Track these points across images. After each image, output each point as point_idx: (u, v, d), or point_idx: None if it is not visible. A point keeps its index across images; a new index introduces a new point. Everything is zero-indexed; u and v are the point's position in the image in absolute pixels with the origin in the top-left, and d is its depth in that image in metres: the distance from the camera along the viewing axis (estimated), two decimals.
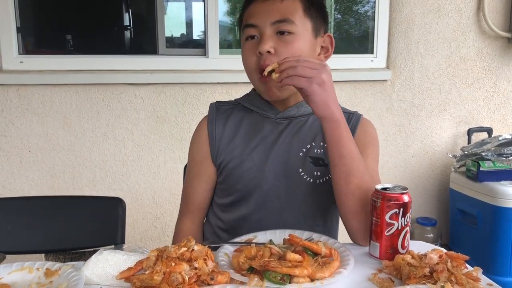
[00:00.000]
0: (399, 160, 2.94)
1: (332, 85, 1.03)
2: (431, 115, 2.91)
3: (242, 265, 0.90)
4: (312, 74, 1.00)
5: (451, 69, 2.89)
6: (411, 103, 2.88)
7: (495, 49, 2.92)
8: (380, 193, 0.98)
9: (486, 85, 2.96)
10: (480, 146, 2.67)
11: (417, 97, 2.88)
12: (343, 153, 1.06)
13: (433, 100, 2.90)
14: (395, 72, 2.83)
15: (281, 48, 1.14)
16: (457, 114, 2.95)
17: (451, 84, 2.91)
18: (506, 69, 2.96)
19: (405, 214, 0.97)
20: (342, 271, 0.89)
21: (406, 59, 2.83)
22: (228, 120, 1.29)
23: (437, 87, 2.89)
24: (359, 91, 2.80)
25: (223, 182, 1.28)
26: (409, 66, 2.83)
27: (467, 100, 2.95)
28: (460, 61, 2.89)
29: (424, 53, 2.84)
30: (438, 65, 2.87)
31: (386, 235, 0.98)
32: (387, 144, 2.90)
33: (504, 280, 2.49)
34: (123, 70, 2.53)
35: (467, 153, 2.68)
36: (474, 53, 2.90)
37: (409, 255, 0.92)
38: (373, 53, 2.86)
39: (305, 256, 0.91)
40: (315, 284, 0.85)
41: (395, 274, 0.91)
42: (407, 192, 0.98)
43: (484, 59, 2.92)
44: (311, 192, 1.21)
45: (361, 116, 1.29)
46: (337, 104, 1.06)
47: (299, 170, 1.21)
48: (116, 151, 2.54)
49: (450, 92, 2.91)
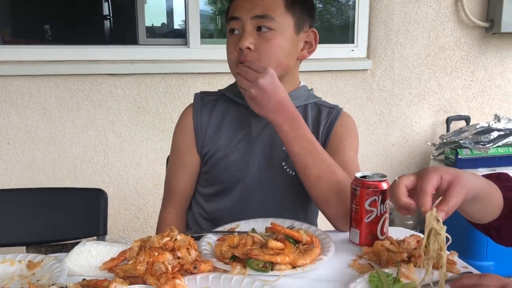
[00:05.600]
0: (379, 149, 2.98)
1: (273, 91, 1.08)
2: (410, 104, 2.95)
3: (225, 253, 0.91)
4: (246, 87, 1.08)
5: (430, 58, 2.93)
6: (391, 92, 2.91)
7: (473, 39, 2.97)
8: (359, 181, 1.00)
9: (464, 74, 3.01)
10: (458, 134, 2.73)
11: (397, 86, 2.91)
12: (295, 151, 1.11)
13: (412, 89, 2.94)
14: (376, 62, 2.85)
15: (261, 45, 1.15)
16: (436, 103, 3.00)
17: (430, 73, 2.95)
18: (483, 58, 3.01)
19: (384, 201, 0.99)
20: (323, 258, 0.92)
21: (386, 48, 2.85)
22: (213, 111, 1.30)
23: (416, 76, 2.93)
24: (340, 80, 2.82)
25: (207, 172, 1.28)
26: (389, 56, 2.86)
27: (445, 89, 2.99)
28: (439, 50, 2.93)
29: (404, 43, 2.87)
30: (418, 55, 2.91)
31: (366, 222, 1.00)
32: (368, 133, 2.94)
33: (480, 264, 2.56)
34: (103, 60, 2.50)
35: (446, 141, 2.73)
36: (452, 43, 2.94)
37: (387, 241, 0.95)
38: (353, 43, 2.87)
39: (287, 243, 0.92)
40: (296, 271, 0.87)
41: (375, 260, 0.94)
42: (385, 180, 1.00)
43: (462, 49, 2.97)
44: (293, 185, 1.23)
45: (341, 110, 1.31)
46: (280, 108, 1.10)
47: (282, 163, 1.23)
48: (97, 142, 2.52)
49: (429, 81, 2.96)
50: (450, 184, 0.75)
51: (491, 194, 0.83)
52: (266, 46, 1.15)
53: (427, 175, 0.76)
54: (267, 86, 1.07)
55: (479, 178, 0.83)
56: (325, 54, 2.82)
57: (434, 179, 0.75)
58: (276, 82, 1.09)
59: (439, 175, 0.76)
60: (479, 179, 0.82)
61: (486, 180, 0.84)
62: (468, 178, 0.77)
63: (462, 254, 2.92)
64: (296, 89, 1.30)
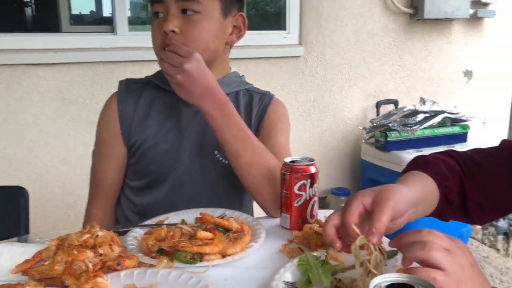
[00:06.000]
0: (313, 134, 3.03)
1: (200, 75, 1.05)
2: (342, 90, 3.02)
3: (152, 247, 0.87)
4: (171, 73, 1.04)
5: (360, 44, 3.00)
6: (323, 78, 2.96)
7: (399, 25, 3.07)
8: (288, 166, 0.99)
9: (392, 59, 3.11)
10: (387, 117, 2.82)
11: (328, 72, 2.96)
12: (226, 138, 1.09)
13: (343, 75, 3.01)
14: (307, 48, 2.88)
15: (186, 28, 1.11)
16: (366, 88, 3.09)
17: (360, 59, 3.03)
18: (409, 43, 3.13)
19: (312, 185, 1.00)
20: (253, 245, 0.90)
21: (317, 35, 2.89)
22: (139, 99, 1.24)
23: (347, 62, 3.00)
24: (274, 67, 2.83)
25: (136, 164, 1.23)
26: (320, 42, 2.90)
27: (375, 74, 3.09)
28: (367, 36, 3.01)
29: (334, 29, 2.92)
30: (348, 41, 2.97)
31: (296, 206, 1.00)
32: (303, 119, 2.98)
33: None
34: (23, 49, 2.33)
35: (376, 125, 2.82)
36: (380, 29, 3.03)
37: (316, 224, 0.95)
38: (286, 30, 2.88)
39: (217, 233, 0.90)
40: (226, 260, 0.85)
41: (305, 244, 0.94)
42: (313, 164, 1.00)
43: (390, 34, 3.07)
44: (226, 174, 1.21)
45: (273, 96, 1.30)
46: (208, 93, 1.07)
47: (214, 152, 1.21)
48: (20, 137, 2.36)
49: (359, 66, 3.03)
50: (374, 205, 0.72)
51: (427, 192, 0.83)
52: (192, 30, 1.11)
53: (347, 208, 0.74)
54: (194, 71, 1.04)
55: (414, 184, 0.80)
56: (258, 40, 2.81)
57: (355, 209, 0.73)
58: (202, 67, 1.06)
59: (359, 202, 0.73)
60: (415, 186, 0.80)
61: (418, 178, 0.83)
62: (391, 189, 0.74)
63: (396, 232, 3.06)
64: (227, 75, 1.27)
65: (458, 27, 3.23)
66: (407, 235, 0.64)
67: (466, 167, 0.87)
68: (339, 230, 0.76)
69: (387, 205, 0.70)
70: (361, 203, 0.73)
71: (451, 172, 0.86)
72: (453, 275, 0.57)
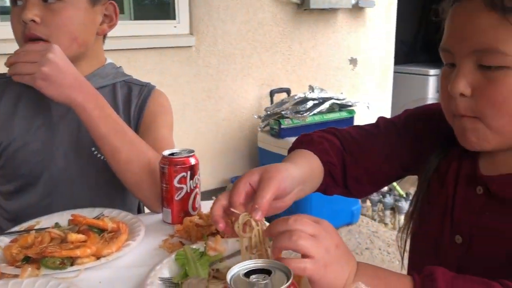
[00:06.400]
0: (210, 125, 3.02)
1: (67, 65, 0.99)
2: (236, 79, 3.04)
3: (16, 256, 0.81)
4: (33, 69, 0.95)
5: (251, 34, 3.04)
6: (217, 68, 2.96)
7: (287, 15, 3.16)
8: (167, 159, 0.97)
9: (283, 49, 3.20)
10: (280, 105, 2.90)
11: (222, 62, 2.97)
12: (101, 133, 1.02)
13: (237, 65, 3.03)
14: (199, 38, 2.86)
15: (48, 17, 1.03)
16: (259, 77, 3.14)
17: (252, 49, 3.07)
18: (298, 33, 3.23)
19: (193, 177, 0.98)
20: (131, 243, 0.87)
21: (208, 25, 2.87)
22: (3, 96, 1.14)
23: (239, 52, 3.02)
24: (165, 58, 2.76)
25: (4, 167, 1.13)
26: (211, 32, 2.89)
27: (267, 63, 3.15)
28: (258, 26, 3.06)
29: (225, 19, 2.92)
30: (239, 31, 2.99)
31: (177, 199, 0.98)
32: (198, 110, 2.96)
33: None
34: None
35: (270, 113, 2.89)
36: (270, 19, 3.09)
37: (197, 216, 0.94)
38: (175, 19, 2.83)
39: (90, 234, 0.86)
40: (100, 261, 0.81)
41: (186, 237, 0.93)
42: (193, 155, 0.99)
43: (279, 24, 3.14)
44: (105, 170, 1.15)
45: (154, 88, 1.27)
46: (79, 84, 1.01)
47: (92, 149, 1.14)
48: None
49: (252, 56, 3.07)
50: (259, 183, 0.72)
51: (313, 168, 0.85)
52: (55, 19, 1.03)
53: (234, 188, 0.73)
54: (59, 61, 0.96)
55: (300, 163, 0.81)
56: (147, 31, 2.73)
57: (241, 188, 0.72)
58: (65, 57, 0.99)
59: (246, 181, 0.73)
60: (301, 164, 0.81)
61: (304, 155, 0.85)
62: (279, 168, 0.75)
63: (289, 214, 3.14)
64: (101, 67, 1.21)
65: (342, 17, 3.40)
66: (276, 224, 0.65)
67: (346, 144, 0.91)
68: (227, 211, 0.74)
69: (271, 183, 0.70)
70: (248, 183, 0.72)
71: (333, 149, 0.89)
72: (320, 260, 0.58)
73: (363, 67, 3.59)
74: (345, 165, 0.90)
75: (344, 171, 0.90)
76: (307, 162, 0.84)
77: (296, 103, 2.83)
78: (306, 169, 0.81)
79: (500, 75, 0.66)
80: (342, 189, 0.93)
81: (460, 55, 0.69)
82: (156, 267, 0.78)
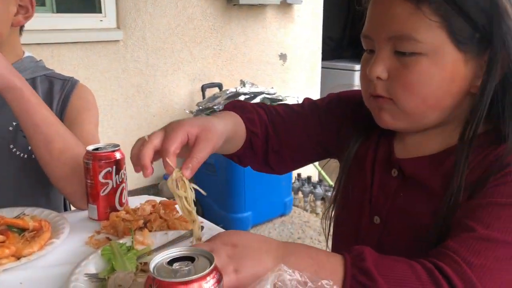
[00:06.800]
0: (141, 121, 2.96)
1: None
2: (166, 74, 3.01)
3: None
4: None
5: (180, 28, 3.01)
6: (146, 63, 2.90)
7: (217, 10, 3.16)
8: (91, 154, 0.95)
9: (213, 44, 3.20)
10: (212, 100, 2.91)
11: (151, 57, 2.91)
12: (37, 121, 0.98)
13: (167, 59, 2.99)
14: (127, 32, 2.79)
15: None
16: (190, 72, 3.12)
17: (182, 44, 3.04)
18: (228, 28, 3.25)
19: (119, 171, 0.97)
20: (55, 242, 0.85)
21: (136, 19, 2.81)
22: None
23: (169, 47, 2.98)
24: (92, 52, 2.67)
25: None
26: (140, 26, 2.83)
27: (198, 58, 3.14)
28: (188, 20, 3.03)
29: (154, 13, 2.87)
30: (168, 25, 2.95)
31: (102, 195, 0.96)
32: (128, 106, 2.89)
33: (241, 216, 2.84)
34: None
35: (202, 108, 2.88)
36: (199, 13, 3.08)
37: (123, 211, 0.93)
38: (101, 13, 2.74)
39: (9, 234, 0.82)
40: (21, 261, 0.78)
41: (113, 232, 0.91)
42: (119, 149, 0.97)
43: (209, 19, 3.14)
44: (26, 168, 1.11)
45: (77, 82, 1.23)
46: (14, 71, 0.96)
47: (10, 146, 1.09)
48: None
49: (182, 51, 3.05)
50: (197, 139, 0.72)
51: (237, 130, 0.86)
52: None
53: (171, 134, 0.71)
54: None
55: (229, 121, 0.83)
56: (72, 24, 2.63)
57: (179, 137, 0.70)
58: None
59: (185, 131, 0.71)
60: (229, 120, 0.83)
61: (233, 117, 0.86)
62: (216, 127, 0.76)
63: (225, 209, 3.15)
64: (19, 60, 1.16)
65: (271, 13, 3.46)
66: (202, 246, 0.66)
67: (272, 118, 0.94)
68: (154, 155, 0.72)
69: (208, 145, 0.71)
70: (186, 133, 0.71)
71: (260, 120, 0.92)
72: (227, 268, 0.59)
73: (292, 62, 3.67)
74: (268, 138, 0.92)
75: (266, 144, 0.93)
76: (234, 124, 0.85)
77: (228, 98, 2.85)
78: (232, 129, 0.83)
79: (413, 61, 0.71)
80: (262, 163, 0.96)
81: (379, 42, 0.74)
82: (82, 263, 0.76)
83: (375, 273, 0.61)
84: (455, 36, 0.69)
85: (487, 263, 0.62)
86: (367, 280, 0.61)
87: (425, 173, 0.77)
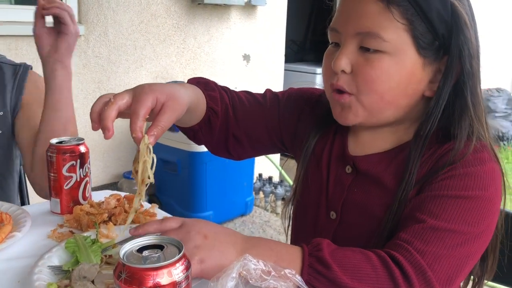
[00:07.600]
0: None
1: None
2: (128, 71, 2.97)
3: None
4: None
5: (144, 25, 2.98)
6: (108, 59, 2.86)
7: (181, 8, 3.15)
8: (55, 147, 0.94)
9: (177, 42, 3.19)
10: None
11: (113, 53, 2.87)
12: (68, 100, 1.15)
13: (129, 56, 2.95)
14: (88, 27, 2.74)
15: None
16: (153, 70, 3.10)
17: (145, 41, 3.01)
18: (192, 27, 3.24)
19: (83, 165, 0.96)
20: (16, 234, 0.84)
21: (98, 14, 2.76)
22: None
23: (132, 43, 2.95)
24: None
25: None
26: (102, 22, 2.78)
27: (161, 56, 3.12)
28: (151, 18, 3.01)
29: (116, 9, 2.83)
30: (131, 21, 2.92)
31: (66, 189, 0.95)
32: (88, 102, 2.83)
33: (202, 215, 2.84)
34: None
35: None
36: (163, 11, 3.06)
37: (87, 205, 0.93)
38: None
39: None
40: None
41: (76, 226, 0.91)
42: (83, 143, 0.97)
43: (173, 17, 3.12)
44: None
45: (30, 68, 1.20)
46: None
47: None
48: None
49: (145, 48, 3.02)
50: (163, 106, 0.70)
51: (199, 104, 0.86)
52: None
53: (141, 97, 0.69)
54: None
55: (192, 93, 0.82)
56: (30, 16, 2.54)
57: (149, 101, 0.69)
58: None
59: (155, 96, 0.70)
60: (193, 92, 0.83)
61: (197, 91, 0.86)
62: (182, 97, 0.75)
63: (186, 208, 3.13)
64: None
65: (235, 14, 3.48)
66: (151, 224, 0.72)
67: (234, 102, 0.94)
68: None
69: (173, 114, 0.71)
70: (156, 99, 0.70)
71: (222, 101, 0.91)
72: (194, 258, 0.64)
73: (256, 63, 3.70)
74: (227, 120, 0.92)
75: (225, 126, 0.92)
76: (196, 97, 0.84)
77: None
78: (193, 101, 0.82)
79: (376, 58, 0.74)
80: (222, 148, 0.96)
81: (346, 35, 0.77)
82: (45, 256, 0.76)
83: (330, 261, 0.65)
84: (417, 40, 0.74)
85: (436, 250, 0.67)
86: (323, 268, 0.65)
87: (377, 169, 0.81)
